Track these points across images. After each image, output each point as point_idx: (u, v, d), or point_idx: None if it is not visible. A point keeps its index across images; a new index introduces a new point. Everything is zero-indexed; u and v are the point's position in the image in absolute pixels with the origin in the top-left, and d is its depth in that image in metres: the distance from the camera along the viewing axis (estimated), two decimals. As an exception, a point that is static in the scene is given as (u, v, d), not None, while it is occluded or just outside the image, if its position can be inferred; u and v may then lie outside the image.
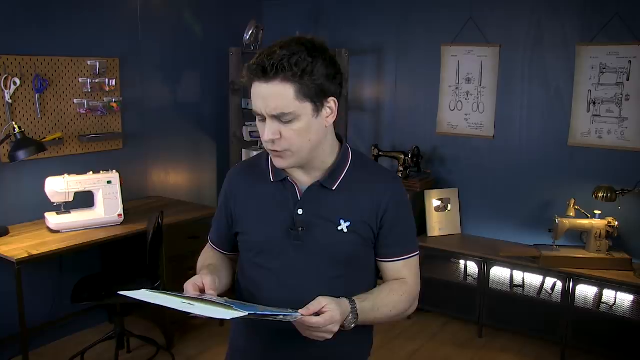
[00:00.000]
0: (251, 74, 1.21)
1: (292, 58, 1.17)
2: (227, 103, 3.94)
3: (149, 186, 3.85)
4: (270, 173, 1.37)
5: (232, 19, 4.19)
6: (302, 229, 1.30)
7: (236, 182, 1.44)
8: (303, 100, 1.20)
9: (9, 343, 3.04)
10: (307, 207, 1.32)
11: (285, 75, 1.17)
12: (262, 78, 1.19)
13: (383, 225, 1.34)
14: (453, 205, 3.89)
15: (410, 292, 1.38)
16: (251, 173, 1.43)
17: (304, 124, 1.23)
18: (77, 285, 2.92)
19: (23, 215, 3.14)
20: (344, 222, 1.31)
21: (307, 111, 1.22)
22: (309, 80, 1.19)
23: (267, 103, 1.20)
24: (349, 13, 4.21)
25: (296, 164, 1.29)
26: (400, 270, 1.38)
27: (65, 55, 3.25)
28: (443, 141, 3.96)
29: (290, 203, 1.33)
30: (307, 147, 1.26)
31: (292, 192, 1.33)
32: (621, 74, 3.28)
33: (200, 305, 1.14)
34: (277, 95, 1.19)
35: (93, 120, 3.44)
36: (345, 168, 1.35)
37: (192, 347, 3.40)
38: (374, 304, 1.30)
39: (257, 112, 1.23)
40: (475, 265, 3.56)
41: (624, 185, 3.23)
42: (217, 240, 1.52)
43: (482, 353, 3.42)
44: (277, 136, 1.23)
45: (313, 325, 1.15)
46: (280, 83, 1.18)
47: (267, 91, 1.19)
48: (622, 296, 3.12)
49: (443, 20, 3.82)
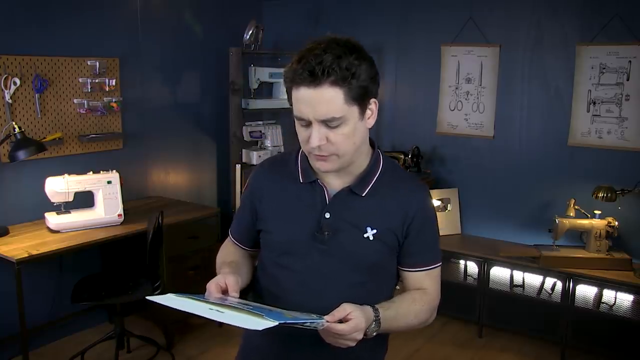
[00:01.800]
0: (297, 78, 1.17)
1: (341, 61, 1.15)
2: (227, 103, 3.94)
3: (149, 186, 3.85)
4: (299, 173, 1.35)
5: (232, 19, 4.19)
6: (328, 233, 1.29)
7: (263, 179, 1.42)
8: (351, 104, 1.19)
9: (9, 343, 3.04)
10: (335, 212, 1.30)
11: (335, 79, 1.15)
12: (310, 83, 1.15)
13: (409, 234, 1.33)
14: (453, 205, 3.89)
15: (431, 302, 1.37)
16: (279, 171, 1.40)
17: (351, 128, 1.21)
18: (77, 285, 2.92)
19: (23, 215, 3.14)
20: (371, 230, 1.30)
21: (354, 115, 1.20)
22: (356, 83, 1.17)
23: (316, 108, 1.17)
24: (349, 13, 4.21)
25: (340, 167, 1.27)
26: (422, 281, 1.37)
27: (65, 55, 3.25)
28: (443, 141, 3.96)
29: (318, 206, 1.31)
30: (352, 150, 1.25)
31: (321, 195, 1.32)
32: (621, 74, 3.28)
33: (229, 312, 1.12)
34: (327, 100, 1.16)
35: (93, 120, 3.44)
36: (376, 174, 1.34)
37: (192, 347, 3.40)
38: (397, 313, 1.29)
39: (302, 117, 1.20)
40: (475, 265, 3.56)
41: (624, 185, 3.23)
42: (238, 236, 1.49)
43: (482, 353, 3.42)
44: (324, 141, 1.20)
45: (338, 332, 1.14)
46: (329, 87, 1.16)
47: (315, 96, 1.16)
48: (622, 296, 3.12)
49: (443, 20, 3.82)
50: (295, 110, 1.22)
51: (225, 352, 3.36)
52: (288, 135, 4.25)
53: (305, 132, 1.23)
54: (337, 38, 1.20)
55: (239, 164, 3.89)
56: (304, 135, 1.23)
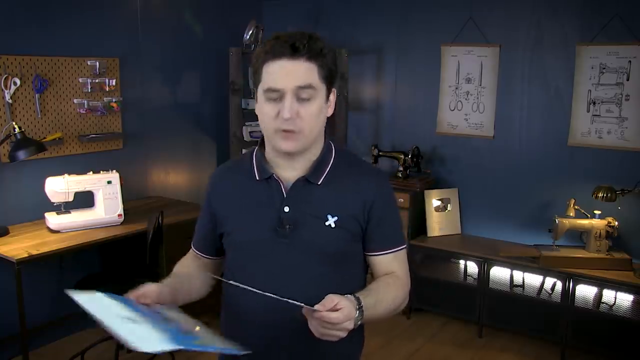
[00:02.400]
0: (277, 51, 1.23)
1: (316, 42, 1.25)
2: (227, 103, 3.93)
3: (149, 186, 3.85)
4: (255, 172, 1.37)
5: (232, 19, 4.19)
6: (290, 227, 1.30)
7: (219, 182, 1.45)
8: (321, 81, 1.27)
9: (9, 343, 3.04)
10: (293, 204, 1.31)
11: (311, 55, 1.24)
12: (290, 55, 1.22)
13: (371, 218, 1.34)
14: (453, 205, 3.89)
15: (404, 286, 1.39)
16: (234, 173, 1.44)
17: (318, 107, 1.27)
18: (77, 285, 2.92)
19: (23, 215, 3.14)
20: (332, 217, 1.31)
21: (322, 94, 1.28)
22: (326, 63, 1.27)
23: (294, 76, 1.23)
24: (349, 13, 4.21)
25: (303, 147, 1.29)
26: (390, 264, 1.38)
27: (65, 55, 3.25)
28: (443, 141, 3.96)
29: (277, 201, 1.32)
30: (316, 131, 1.30)
31: (278, 190, 1.33)
32: (621, 74, 3.28)
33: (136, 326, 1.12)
34: (304, 71, 1.24)
35: (93, 120, 3.44)
36: (330, 162, 1.36)
37: (192, 347, 3.40)
38: (376, 300, 1.28)
39: (277, 88, 1.23)
40: (475, 265, 3.56)
41: (624, 185, 3.23)
42: (199, 245, 1.51)
43: (482, 353, 3.42)
44: (294, 115, 1.24)
45: (333, 320, 1.13)
46: (306, 61, 1.24)
47: (294, 67, 1.23)
48: (622, 296, 3.12)
49: (443, 20, 3.82)
50: (268, 83, 1.25)
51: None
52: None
53: (273, 107, 1.26)
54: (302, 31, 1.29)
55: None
56: (272, 111, 1.26)
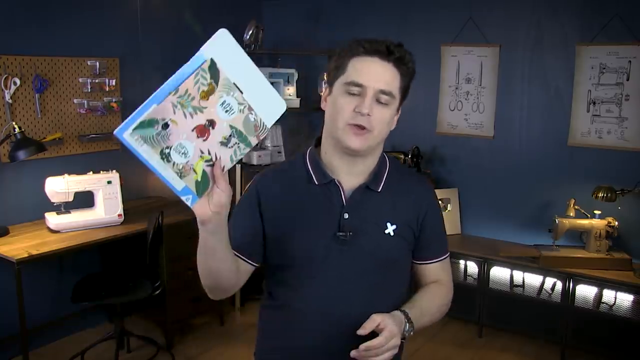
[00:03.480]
0: (372, 49, 1.25)
1: (407, 53, 1.29)
2: (227, 103, 3.93)
3: (149, 186, 3.85)
4: (313, 176, 1.33)
5: (232, 19, 4.19)
6: (350, 234, 1.28)
7: (270, 185, 1.35)
8: (399, 91, 1.28)
9: (9, 343, 3.04)
10: (354, 211, 1.30)
11: (401, 61, 1.26)
12: (383, 56, 1.25)
13: (424, 227, 1.36)
14: (453, 205, 3.89)
15: (448, 294, 1.42)
16: (284, 176, 1.37)
17: (390, 114, 1.28)
18: (77, 285, 2.92)
19: (23, 215, 3.14)
20: (391, 225, 1.31)
21: (396, 103, 1.29)
22: (408, 74, 1.29)
23: (380, 78, 1.24)
24: (349, 13, 4.20)
25: (368, 147, 1.29)
26: (437, 272, 1.40)
27: (65, 55, 3.25)
28: (443, 141, 3.96)
29: (336, 207, 1.30)
30: (381, 137, 1.30)
31: (338, 195, 1.31)
32: (621, 74, 3.28)
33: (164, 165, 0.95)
34: (390, 76, 1.25)
35: (93, 120, 3.44)
36: (386, 171, 1.37)
37: (192, 347, 3.40)
38: (422, 309, 1.31)
39: (361, 83, 1.24)
40: (475, 265, 3.56)
41: (624, 185, 3.23)
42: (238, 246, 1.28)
43: (482, 353, 3.42)
44: (371, 112, 1.24)
45: (376, 346, 1.15)
46: (394, 67, 1.26)
47: (382, 69, 1.25)
48: (622, 296, 3.12)
49: (443, 20, 3.82)
50: (352, 77, 1.25)
51: (225, 352, 3.36)
52: (288, 135, 4.26)
53: (350, 101, 1.25)
54: None
55: (239, 163, 3.89)
56: (350, 105, 1.24)
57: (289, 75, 4.11)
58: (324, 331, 1.29)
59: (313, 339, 1.30)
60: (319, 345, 1.30)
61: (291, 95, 4.14)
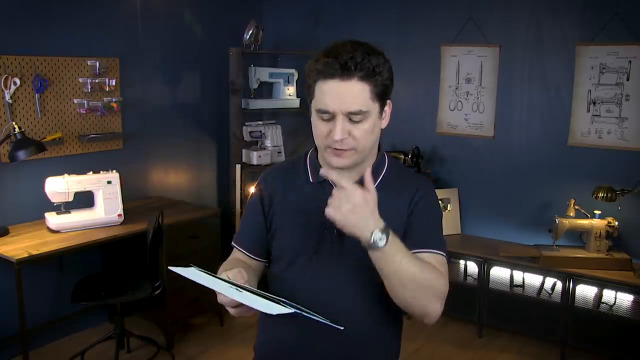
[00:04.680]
0: (327, 71, 1.20)
1: (371, 59, 1.21)
2: (227, 103, 3.94)
3: (149, 186, 3.85)
4: (310, 174, 1.37)
5: (232, 19, 4.19)
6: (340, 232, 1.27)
7: (272, 182, 1.42)
8: (374, 100, 1.23)
9: (9, 343, 3.04)
10: None
11: (364, 74, 1.20)
12: (340, 76, 1.19)
13: (411, 217, 1.32)
14: (453, 205, 3.89)
15: (441, 278, 1.25)
16: (286, 174, 1.42)
17: (371, 124, 1.25)
18: (77, 285, 2.93)
19: (23, 215, 3.14)
20: None
21: (375, 111, 1.25)
22: (381, 81, 1.22)
23: (345, 101, 1.20)
24: (349, 13, 4.21)
25: (354, 163, 1.28)
26: (429, 261, 1.29)
27: (65, 55, 3.25)
28: (443, 141, 3.96)
29: None
30: (369, 146, 1.29)
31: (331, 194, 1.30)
32: (621, 74, 3.28)
33: (247, 294, 1.12)
34: (355, 94, 1.20)
35: (93, 120, 3.44)
36: (383, 170, 1.36)
37: (192, 347, 3.40)
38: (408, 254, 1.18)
39: (327, 110, 1.21)
40: (475, 265, 3.56)
41: (624, 185, 3.23)
42: (248, 244, 1.43)
43: (482, 353, 3.42)
44: (346, 135, 1.23)
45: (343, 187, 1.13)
46: (358, 82, 1.20)
47: (344, 89, 1.20)
48: (622, 296, 3.12)
49: (443, 20, 3.82)
50: (319, 104, 1.23)
51: (225, 352, 3.36)
52: (288, 135, 4.26)
53: (325, 126, 1.24)
54: (358, 40, 1.26)
55: (239, 164, 3.89)
56: (323, 130, 1.24)
57: (288, 75, 4.12)
58: (312, 325, 1.28)
59: (302, 332, 1.33)
60: (307, 339, 1.34)
61: (291, 95, 4.14)
